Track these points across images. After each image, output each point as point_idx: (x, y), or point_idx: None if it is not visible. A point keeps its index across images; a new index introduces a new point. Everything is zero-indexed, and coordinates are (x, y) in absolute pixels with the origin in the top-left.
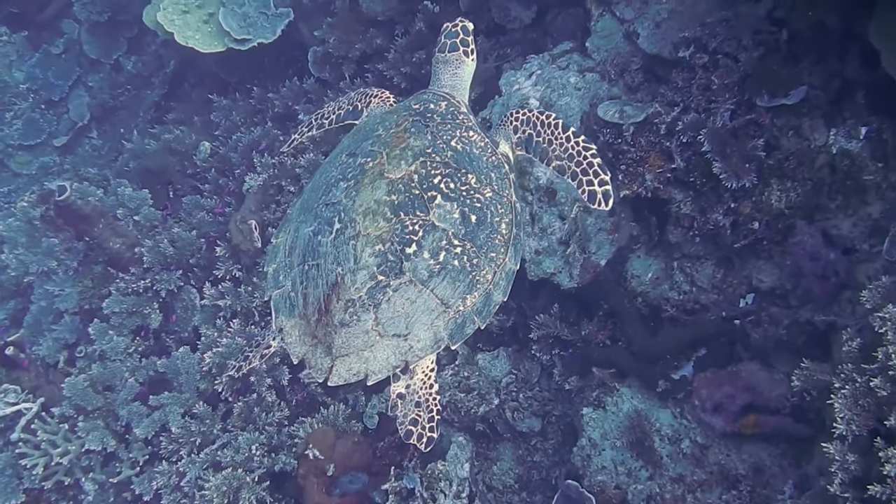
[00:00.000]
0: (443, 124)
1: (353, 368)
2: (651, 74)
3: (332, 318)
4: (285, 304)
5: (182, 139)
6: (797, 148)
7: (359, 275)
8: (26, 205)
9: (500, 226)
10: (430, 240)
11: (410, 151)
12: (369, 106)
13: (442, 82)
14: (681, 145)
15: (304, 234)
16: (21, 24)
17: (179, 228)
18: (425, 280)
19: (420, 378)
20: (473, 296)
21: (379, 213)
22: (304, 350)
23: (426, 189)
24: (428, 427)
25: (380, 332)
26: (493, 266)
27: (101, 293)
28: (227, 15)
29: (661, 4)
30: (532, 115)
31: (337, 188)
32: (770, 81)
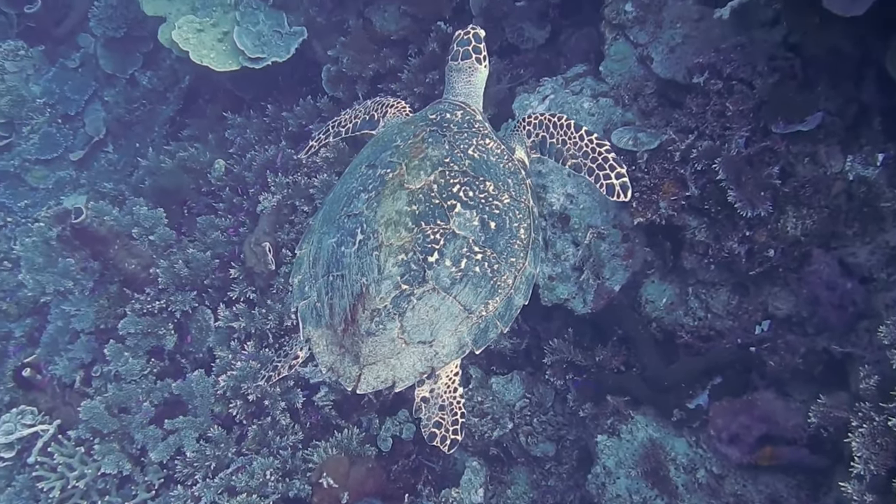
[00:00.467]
0: (459, 133)
1: (381, 376)
2: (665, 99)
3: (359, 328)
4: (312, 315)
5: (197, 157)
6: (813, 175)
7: (383, 284)
8: (43, 225)
9: (518, 231)
10: (451, 248)
11: (429, 161)
12: (385, 116)
13: (456, 91)
14: (695, 173)
15: (327, 245)
16: (38, 39)
17: (194, 249)
18: (448, 287)
19: (444, 382)
20: (495, 301)
21: (400, 224)
22: (332, 359)
23: (446, 198)
24: (452, 430)
25: (405, 339)
26: (514, 271)
27: (116, 313)
28: (241, 34)
29: (675, 29)
30: (544, 117)
31: (358, 199)
32: (785, 108)
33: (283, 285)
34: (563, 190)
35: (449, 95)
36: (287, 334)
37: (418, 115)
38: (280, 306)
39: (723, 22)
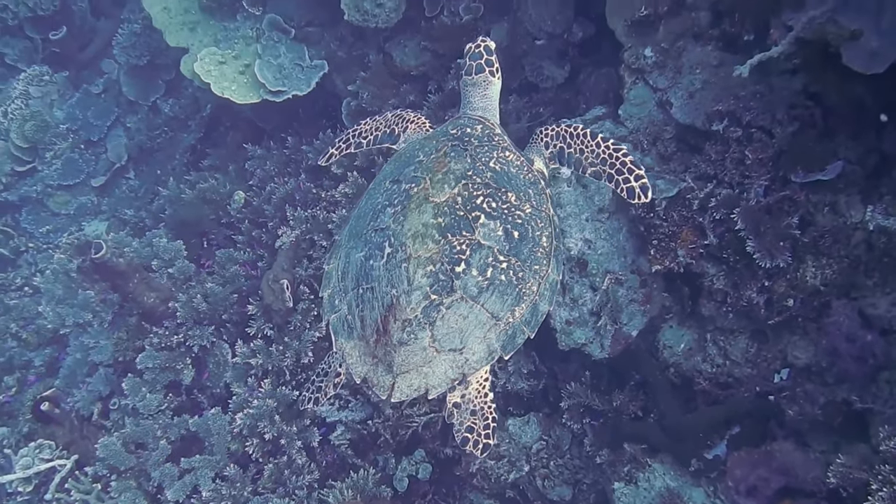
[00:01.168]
0: (480, 147)
1: (414, 384)
2: (684, 144)
3: (391, 338)
4: (343, 327)
5: (217, 189)
6: (833, 225)
7: (413, 295)
8: (63, 257)
9: (541, 239)
10: (477, 258)
11: (452, 175)
12: (406, 131)
13: (474, 105)
14: (714, 221)
15: (355, 259)
16: (62, 64)
17: (213, 283)
18: (475, 296)
19: (475, 388)
20: (521, 307)
21: (427, 236)
22: (365, 370)
23: (470, 210)
24: (484, 434)
25: (436, 348)
26: (538, 278)
27: (135, 346)
28: (262, 67)
29: (694, 75)
30: (560, 129)
31: (384, 214)
32: (805, 157)
33: (301, 322)
34: (581, 235)
35: (467, 110)
36: (304, 371)
37: (439, 130)
38: (297, 343)
39: None
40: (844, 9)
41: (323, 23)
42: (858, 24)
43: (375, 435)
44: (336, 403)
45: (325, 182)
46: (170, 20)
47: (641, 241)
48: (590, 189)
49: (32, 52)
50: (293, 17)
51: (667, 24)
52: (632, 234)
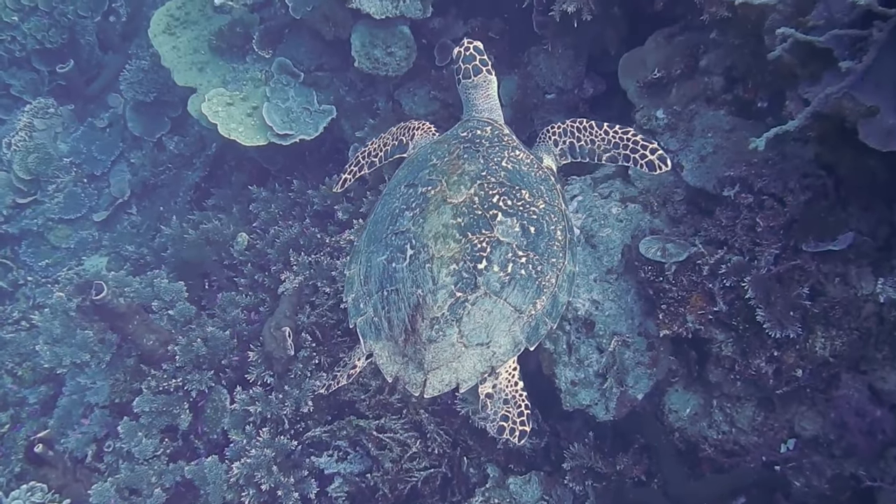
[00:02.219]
0: (491, 147)
1: (445, 379)
2: (694, 206)
3: (420, 337)
4: (371, 329)
5: (220, 230)
6: (843, 296)
7: (439, 294)
8: (63, 295)
9: (556, 233)
10: (497, 254)
11: (467, 176)
12: (413, 139)
13: (479, 107)
14: (724, 288)
15: (377, 262)
16: (68, 97)
17: (213, 327)
18: (498, 291)
19: (505, 378)
20: (542, 299)
21: (448, 236)
22: (396, 369)
23: (487, 209)
24: (519, 421)
25: (464, 343)
26: (556, 270)
27: (132, 388)
28: (270, 110)
29: (706, 139)
30: (566, 125)
31: (403, 217)
32: (817, 227)
33: (302, 371)
34: (588, 296)
35: (472, 112)
36: (303, 420)
37: (449, 134)
38: (297, 392)
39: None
40: (861, 85)
41: (333, 68)
42: (875, 101)
43: (374, 489)
44: (335, 455)
45: (329, 227)
46: (179, 59)
47: (650, 304)
48: (598, 249)
49: (38, 83)
50: (303, 61)
51: (680, 87)
52: (640, 295)
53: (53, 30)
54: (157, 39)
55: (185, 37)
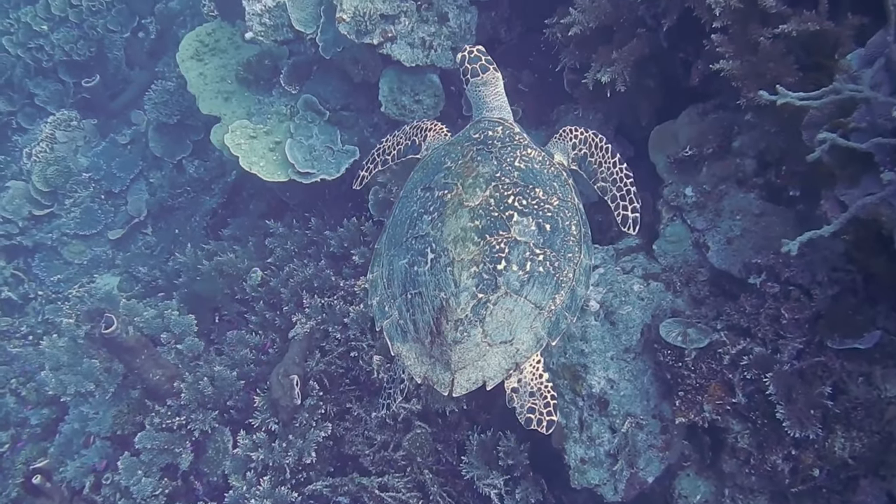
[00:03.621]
0: (504, 148)
1: (472, 378)
2: (718, 288)
3: (446, 338)
4: (397, 332)
5: (234, 263)
6: (866, 397)
7: (461, 296)
8: (72, 323)
9: (571, 228)
10: (515, 254)
11: (482, 178)
12: (426, 140)
13: (490, 106)
14: (744, 380)
15: (399, 266)
16: (91, 111)
17: (221, 366)
18: (518, 290)
19: (529, 371)
20: (561, 294)
21: (467, 239)
22: (423, 370)
23: (503, 210)
24: (546, 412)
25: (489, 342)
26: (573, 265)
27: (135, 420)
28: (293, 147)
29: (734, 220)
30: (588, 135)
31: (422, 221)
32: (843, 324)
33: (308, 420)
34: (604, 374)
35: (483, 112)
36: (305, 471)
37: (461, 135)
38: (301, 442)
39: (785, 222)
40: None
41: (359, 109)
42: None
43: None
44: None
45: (344, 270)
46: (205, 86)
47: (666, 386)
48: (618, 327)
49: (63, 95)
50: (329, 99)
51: (710, 165)
52: (657, 377)
53: (82, 42)
54: (185, 64)
55: (212, 64)
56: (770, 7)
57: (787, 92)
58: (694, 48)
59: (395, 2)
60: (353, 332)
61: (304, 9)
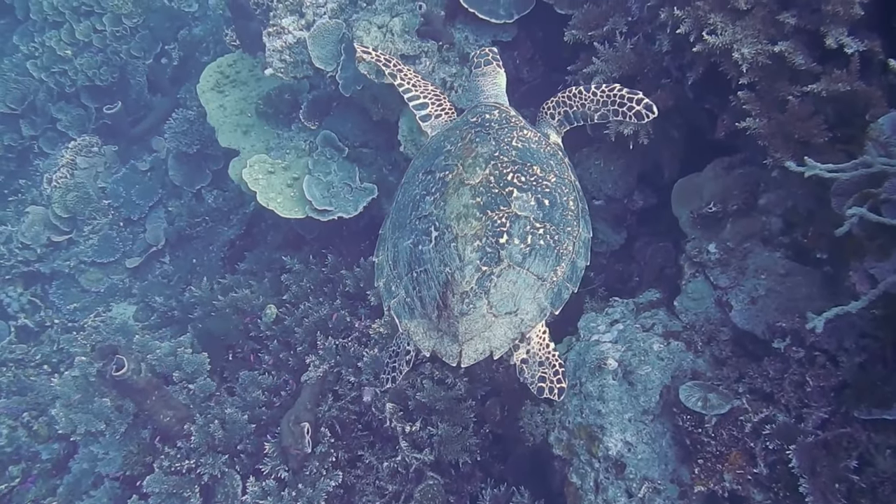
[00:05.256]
0: (501, 129)
1: (479, 348)
2: (741, 349)
3: (453, 311)
4: (405, 310)
5: (249, 299)
6: (894, 471)
7: (466, 270)
8: (84, 360)
9: (568, 203)
10: (516, 228)
11: (481, 158)
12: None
13: (487, 93)
14: (766, 450)
15: (404, 247)
16: (112, 136)
17: (232, 409)
18: (520, 262)
19: (536, 342)
20: (562, 266)
21: (470, 215)
22: (432, 343)
23: (503, 186)
24: (556, 379)
25: (494, 313)
26: (572, 238)
27: (144, 461)
28: (311, 184)
29: (758, 279)
30: (557, 97)
31: (425, 202)
32: (870, 394)
33: (318, 469)
34: (621, 436)
35: (480, 99)
36: None
37: (460, 120)
38: (311, 492)
39: (811, 283)
40: None
41: (378, 146)
42: None
43: None
44: None
45: (360, 310)
46: (224, 119)
47: (685, 451)
48: (636, 388)
49: (85, 120)
50: (348, 136)
51: (735, 222)
52: (675, 441)
53: (105, 68)
54: (205, 96)
55: (232, 96)
56: (799, 65)
57: (815, 164)
58: (720, 100)
59: (416, 42)
60: (366, 377)
61: (325, 46)
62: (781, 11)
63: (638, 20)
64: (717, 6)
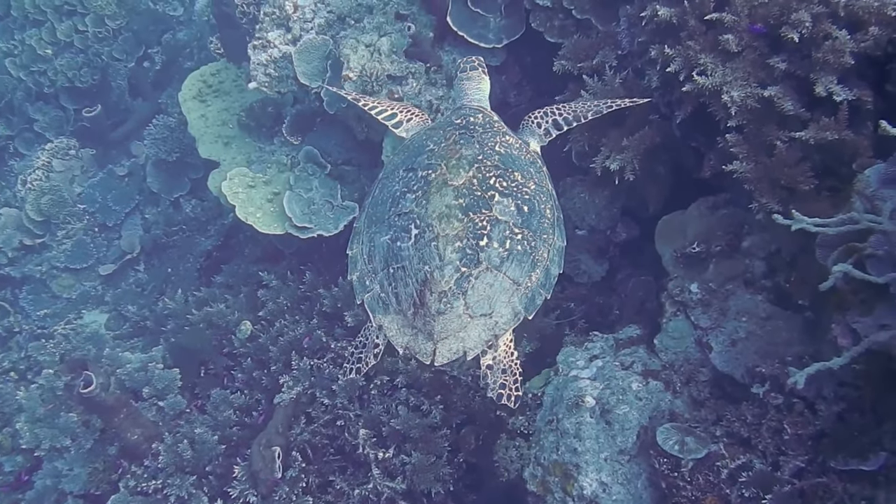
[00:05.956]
0: (484, 133)
1: (453, 348)
2: (719, 390)
3: (430, 309)
4: (379, 305)
5: (224, 314)
6: None
7: (446, 269)
8: (51, 373)
9: (545, 211)
10: (496, 232)
11: (465, 160)
12: (411, 122)
13: (470, 97)
14: (742, 497)
15: (381, 242)
16: (91, 140)
17: (202, 428)
18: (498, 266)
19: (503, 349)
20: (536, 273)
21: (451, 216)
22: (406, 340)
23: (485, 190)
24: (515, 387)
25: (470, 314)
26: (547, 245)
27: (110, 479)
28: (292, 200)
29: (739, 322)
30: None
31: (405, 199)
32: (848, 445)
33: (288, 494)
34: (597, 476)
35: (464, 101)
36: None
37: (443, 121)
38: None
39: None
40: None
41: (361, 164)
42: None
43: None
44: None
45: (336, 330)
46: (206, 129)
47: (660, 494)
48: (613, 427)
49: (63, 122)
50: (331, 153)
51: (718, 264)
52: (651, 483)
53: (86, 69)
54: (187, 105)
55: (215, 106)
56: (788, 110)
57: (802, 217)
58: (707, 139)
59: (404, 63)
60: (340, 400)
61: (311, 62)
62: (772, 55)
63: (628, 54)
64: (708, 47)
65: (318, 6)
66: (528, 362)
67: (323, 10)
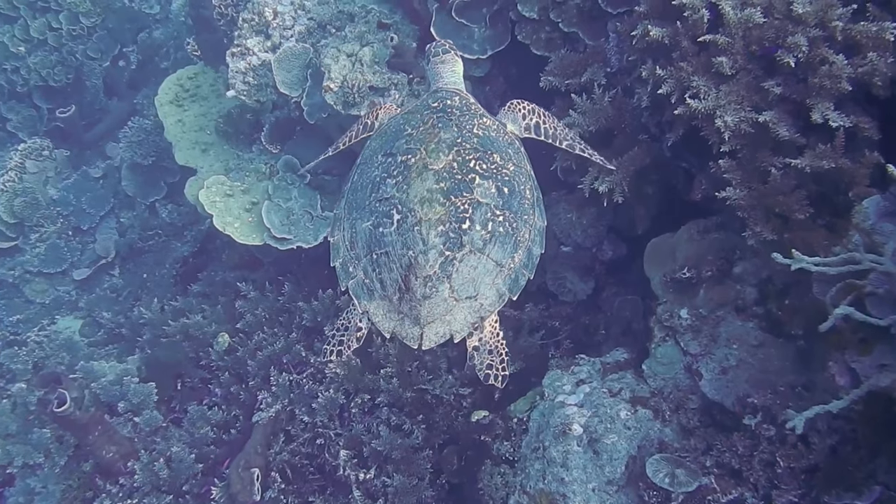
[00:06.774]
0: (462, 116)
1: (440, 332)
2: (709, 418)
3: (415, 294)
4: (363, 291)
5: (201, 326)
6: None
7: (430, 254)
8: (24, 387)
9: (525, 192)
10: (478, 214)
11: (444, 143)
12: (378, 117)
13: (445, 80)
14: None
15: (362, 228)
16: (65, 140)
17: (178, 446)
18: (481, 248)
19: (489, 331)
20: (519, 253)
21: (433, 200)
22: (392, 325)
23: (466, 173)
24: (501, 368)
25: (455, 297)
26: (528, 226)
27: (84, 496)
28: (270, 210)
29: (730, 349)
30: (533, 105)
31: (385, 185)
32: (841, 479)
33: None
34: None
35: (439, 84)
36: None
37: (419, 104)
38: None
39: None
40: None
41: (342, 174)
42: None
43: None
44: None
45: (316, 344)
46: (182, 135)
47: None
48: (601, 457)
49: (36, 121)
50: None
51: (709, 289)
52: None
53: (59, 68)
54: (163, 109)
55: (192, 111)
56: (783, 136)
57: (802, 257)
58: (697, 160)
59: (386, 74)
60: (320, 419)
61: (291, 71)
62: (766, 79)
63: (617, 71)
64: (701, 68)
65: (299, 13)
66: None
67: (303, 17)
